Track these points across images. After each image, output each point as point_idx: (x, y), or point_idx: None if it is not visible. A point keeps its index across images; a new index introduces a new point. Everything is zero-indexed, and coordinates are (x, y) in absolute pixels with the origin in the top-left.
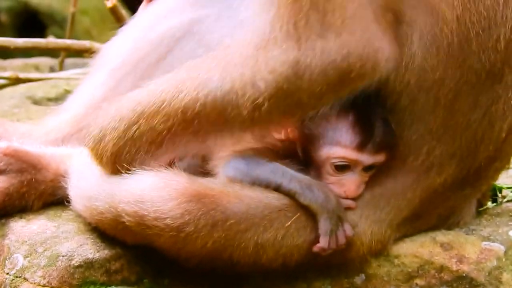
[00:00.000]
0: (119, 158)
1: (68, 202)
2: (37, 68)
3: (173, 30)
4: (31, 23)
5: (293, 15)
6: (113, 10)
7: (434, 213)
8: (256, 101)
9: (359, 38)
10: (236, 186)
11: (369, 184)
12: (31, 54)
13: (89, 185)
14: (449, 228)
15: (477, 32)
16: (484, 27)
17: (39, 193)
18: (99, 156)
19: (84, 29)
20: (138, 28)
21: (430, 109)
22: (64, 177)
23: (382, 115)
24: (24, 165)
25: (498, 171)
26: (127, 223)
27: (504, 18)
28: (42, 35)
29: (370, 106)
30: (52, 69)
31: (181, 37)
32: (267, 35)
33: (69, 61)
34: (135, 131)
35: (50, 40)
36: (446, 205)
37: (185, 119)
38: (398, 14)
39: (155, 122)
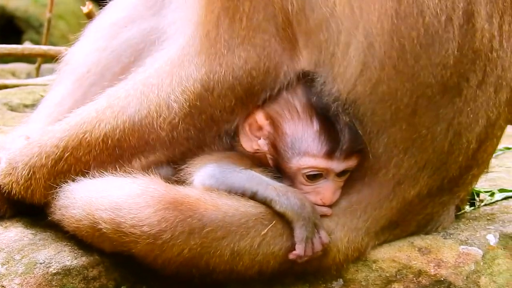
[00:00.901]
0: (51, 191)
1: (44, 210)
2: (13, 74)
3: (135, 39)
4: (8, 28)
5: (207, 23)
6: (90, 15)
7: (413, 221)
8: (172, 122)
9: (261, 53)
10: (213, 194)
11: (346, 191)
12: (8, 60)
13: (66, 193)
14: (427, 232)
15: (421, 47)
16: (429, 43)
17: (13, 201)
18: (31, 193)
19: (60, 34)
20: (101, 37)
21: (391, 122)
22: None
23: (347, 121)
24: None
25: (476, 178)
26: (104, 230)
27: (449, 34)
28: (18, 40)
29: (334, 113)
30: (28, 75)
31: (144, 46)
32: (184, 49)
33: (45, 66)
34: (63, 166)
35: (26, 46)
36: (425, 213)
37: (108, 147)
38: (301, 28)
39: (80, 154)
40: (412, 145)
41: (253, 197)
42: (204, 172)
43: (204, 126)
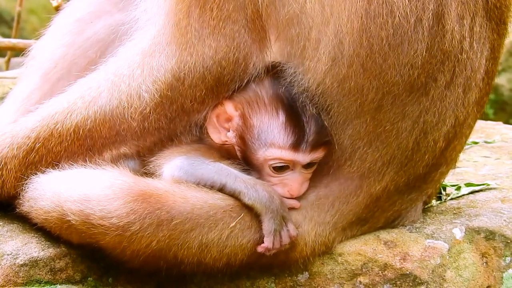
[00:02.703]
0: (21, 181)
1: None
2: None
3: (101, 35)
4: None
5: (178, 12)
6: (59, 9)
7: (382, 218)
8: (143, 112)
9: (230, 44)
10: (181, 186)
11: (314, 185)
12: None
13: (34, 185)
14: (394, 226)
15: (390, 46)
16: (397, 43)
17: None
18: (1, 184)
19: (32, 28)
20: (67, 32)
21: (355, 114)
22: None
23: (313, 113)
24: None
25: (444, 175)
26: (72, 221)
27: (418, 35)
28: None
29: (300, 105)
30: None
31: (110, 41)
32: (155, 39)
33: (16, 60)
34: (34, 157)
35: None
36: (393, 210)
37: (78, 138)
38: (271, 20)
39: (51, 145)
40: (377, 138)
41: (221, 189)
42: (173, 164)
43: (175, 116)
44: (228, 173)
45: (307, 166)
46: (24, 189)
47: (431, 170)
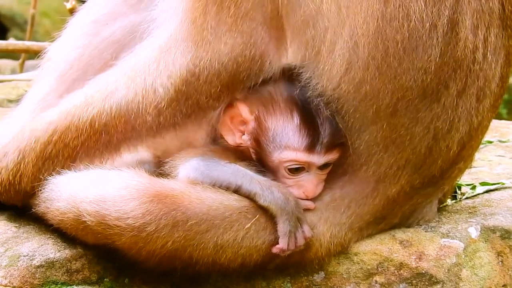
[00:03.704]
0: (38, 176)
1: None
2: None
3: (117, 36)
4: None
5: (195, 10)
6: (73, 11)
7: (398, 213)
8: (158, 106)
9: (247, 41)
10: (197, 188)
11: (329, 187)
12: None
13: (51, 186)
14: (409, 225)
15: (404, 50)
16: (412, 47)
17: None
18: (19, 178)
19: (45, 31)
20: (83, 34)
21: (372, 120)
22: None
23: (328, 115)
24: None
25: (461, 171)
26: (88, 222)
27: (432, 41)
28: (3, 37)
29: (315, 107)
30: (13, 71)
31: (125, 43)
32: (171, 36)
33: (30, 63)
34: (51, 151)
35: (10, 42)
36: (409, 203)
37: (95, 132)
38: (289, 20)
39: (68, 138)
40: (392, 143)
41: (237, 191)
42: (189, 165)
43: (191, 112)
44: (243, 175)
45: (322, 167)
46: (41, 190)
47: (447, 168)
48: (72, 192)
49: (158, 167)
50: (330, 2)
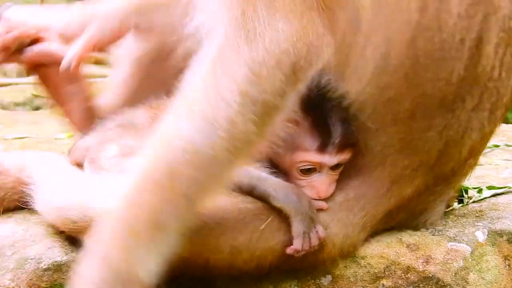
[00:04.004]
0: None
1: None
2: (4, 74)
3: None
4: None
5: (240, 3)
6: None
7: (410, 210)
8: (230, 117)
9: (304, 24)
10: None
11: (342, 187)
12: None
13: (61, 194)
14: (416, 228)
15: (432, 60)
16: (439, 58)
17: None
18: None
19: None
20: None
21: (390, 122)
22: (26, 184)
23: (340, 115)
24: None
25: (472, 167)
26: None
27: (459, 54)
28: None
29: (327, 107)
30: (19, 75)
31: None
32: (222, 41)
33: None
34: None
35: None
36: (422, 201)
37: (173, 179)
38: (351, 22)
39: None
40: (407, 146)
41: (250, 192)
42: None
43: (262, 118)
44: (256, 176)
45: (334, 167)
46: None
47: (458, 168)
48: (84, 200)
49: None
50: (368, 7)
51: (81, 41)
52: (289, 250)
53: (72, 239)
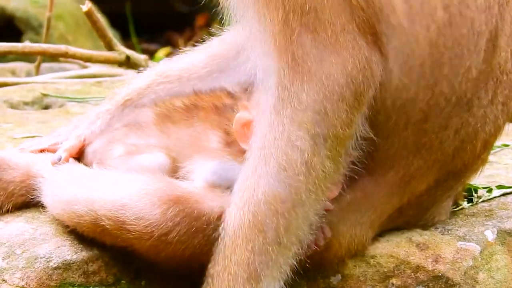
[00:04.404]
0: None
1: (43, 205)
2: (13, 73)
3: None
4: (7, 29)
5: (289, 47)
6: (89, 14)
7: (419, 206)
8: (305, 160)
9: (352, 52)
10: (216, 191)
11: (351, 186)
12: (8, 59)
13: (68, 188)
14: (424, 226)
15: (449, 57)
16: (457, 54)
17: (8, 193)
18: None
19: (59, 34)
20: None
21: (403, 126)
22: (35, 178)
23: None
24: None
25: (484, 162)
26: (107, 226)
27: (477, 48)
28: (18, 41)
29: None
30: (28, 74)
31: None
32: (278, 87)
33: (45, 65)
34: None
35: (26, 45)
36: (432, 196)
37: (260, 228)
38: (375, 25)
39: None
40: (422, 147)
41: None
42: (207, 169)
43: (335, 153)
44: None
45: None
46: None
47: (471, 163)
48: (90, 194)
49: (174, 172)
50: (403, 15)
51: (70, 140)
52: None
53: (81, 237)
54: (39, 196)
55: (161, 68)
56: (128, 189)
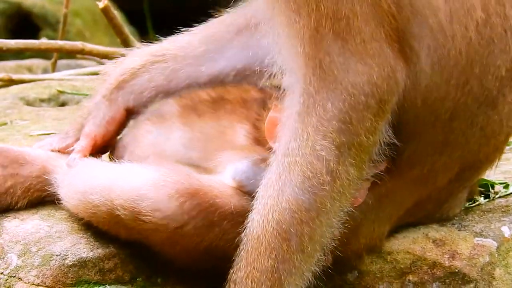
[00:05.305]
0: None
1: (59, 201)
2: (30, 70)
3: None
4: (24, 25)
5: (316, 54)
6: (105, 11)
7: (436, 199)
8: (329, 169)
9: (378, 61)
10: (234, 189)
11: (373, 183)
12: (24, 56)
13: (85, 178)
14: (440, 219)
15: (482, 56)
16: (490, 53)
17: (25, 188)
18: None
19: (77, 31)
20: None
21: (431, 125)
22: (51, 174)
23: None
24: (5, 160)
25: (501, 152)
26: (122, 216)
27: (507, 47)
28: (35, 37)
29: None
30: (45, 71)
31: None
32: (303, 96)
33: (62, 62)
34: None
35: (43, 41)
36: (449, 187)
37: (284, 237)
38: (405, 31)
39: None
40: (448, 145)
41: None
42: (238, 167)
43: (359, 161)
44: None
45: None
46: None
47: (490, 153)
48: (107, 184)
49: (206, 161)
50: (441, 9)
51: (81, 141)
52: None
53: (97, 235)
54: (55, 191)
55: (156, 47)
56: (146, 179)
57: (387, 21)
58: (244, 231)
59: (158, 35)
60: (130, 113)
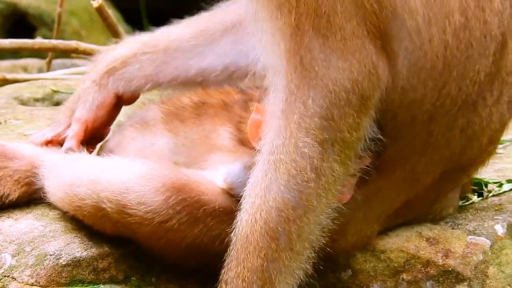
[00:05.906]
0: None
1: (44, 194)
2: (25, 69)
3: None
4: (20, 25)
5: (297, 50)
6: (99, 10)
7: (425, 197)
8: (313, 166)
9: (359, 58)
10: (222, 188)
11: (360, 185)
12: (20, 56)
13: (73, 171)
14: (433, 220)
15: (460, 60)
16: (468, 57)
17: (14, 180)
18: None
19: (73, 30)
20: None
21: (409, 126)
22: (39, 168)
23: None
24: None
25: (491, 154)
26: (108, 209)
27: (487, 51)
28: (31, 37)
29: None
30: (40, 70)
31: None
32: (285, 95)
33: (57, 61)
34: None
35: (37, 41)
36: (438, 187)
37: (272, 236)
38: (386, 30)
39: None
40: (429, 146)
41: None
42: (230, 169)
43: (344, 158)
44: None
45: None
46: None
47: (476, 157)
48: (95, 177)
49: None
50: (419, 18)
51: (73, 126)
52: None
53: (91, 234)
54: (42, 185)
55: (148, 38)
56: (133, 172)
57: (369, 19)
58: (234, 231)
59: None
60: (120, 99)
